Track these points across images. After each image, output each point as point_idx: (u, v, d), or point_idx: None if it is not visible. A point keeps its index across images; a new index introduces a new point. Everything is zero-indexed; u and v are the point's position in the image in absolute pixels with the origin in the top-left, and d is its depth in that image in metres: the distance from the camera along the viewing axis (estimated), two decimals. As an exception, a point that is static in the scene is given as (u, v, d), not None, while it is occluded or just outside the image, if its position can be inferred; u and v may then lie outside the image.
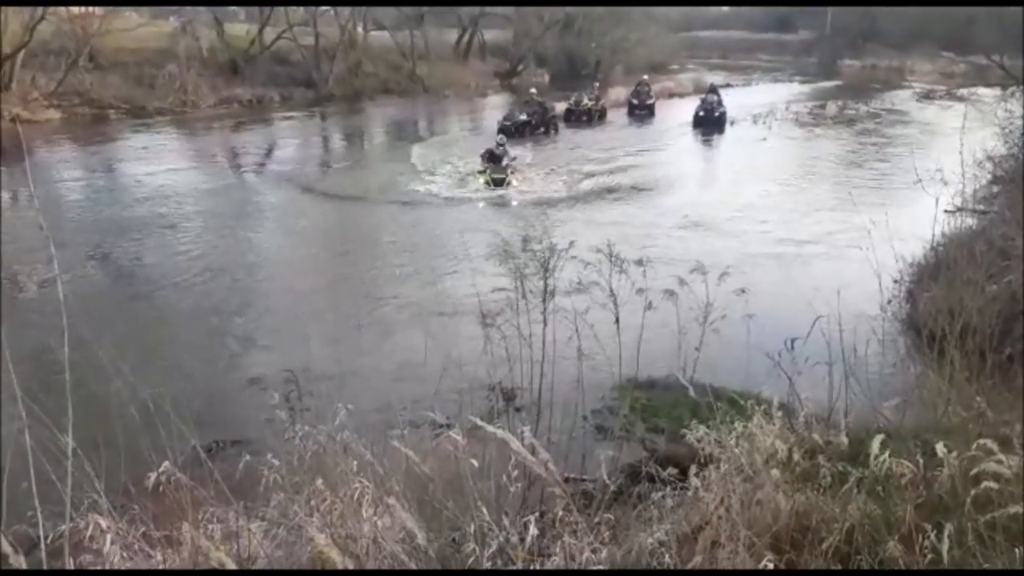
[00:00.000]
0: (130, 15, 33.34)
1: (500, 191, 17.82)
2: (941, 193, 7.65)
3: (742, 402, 4.20)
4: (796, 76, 48.90)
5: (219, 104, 31.32)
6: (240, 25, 37.42)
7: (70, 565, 2.83)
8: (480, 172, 18.55)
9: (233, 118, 29.59)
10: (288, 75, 35.41)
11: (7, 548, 2.54)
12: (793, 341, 4.76)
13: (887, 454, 3.29)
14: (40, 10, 25.84)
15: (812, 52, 59.04)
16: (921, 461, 3.35)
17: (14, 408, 2.73)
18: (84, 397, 3.02)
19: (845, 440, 3.66)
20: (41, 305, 10.17)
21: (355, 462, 3.45)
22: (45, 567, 2.72)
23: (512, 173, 18.47)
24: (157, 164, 20.77)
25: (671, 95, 36.99)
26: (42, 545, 2.71)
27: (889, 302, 7.61)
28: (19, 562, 2.60)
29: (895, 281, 8.80)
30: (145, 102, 29.21)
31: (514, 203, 17.16)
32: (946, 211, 9.80)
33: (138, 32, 31.41)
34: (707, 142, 26.89)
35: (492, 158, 18.72)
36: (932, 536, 2.96)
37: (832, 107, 33.43)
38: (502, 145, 19.44)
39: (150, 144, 24.12)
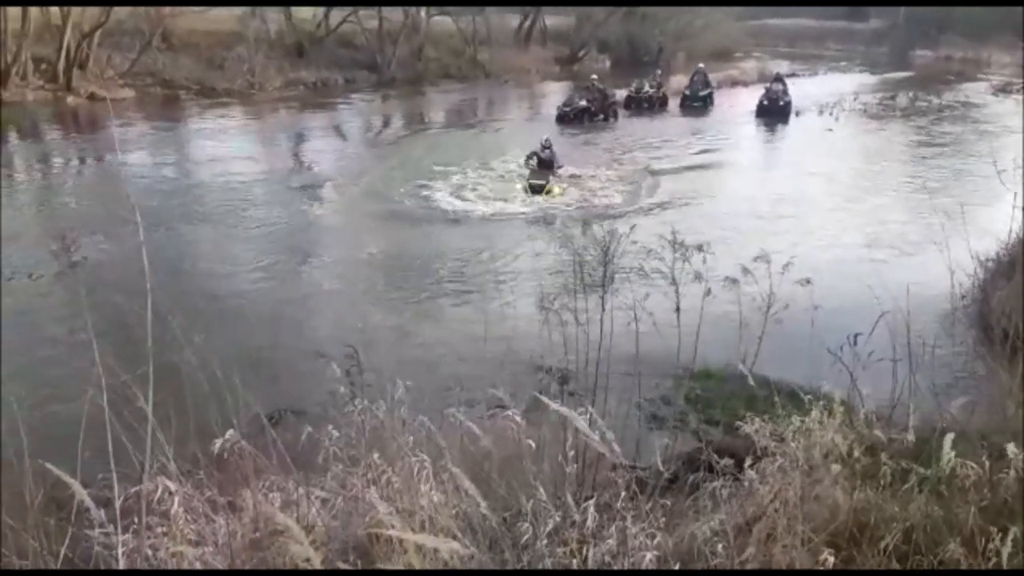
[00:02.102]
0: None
1: (540, 200, 15.99)
2: (1017, 190, 7.37)
3: (801, 395, 4.14)
4: (866, 66, 47.41)
5: (285, 86, 31.85)
6: (307, 8, 38.00)
7: (142, 523, 2.94)
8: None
9: (298, 100, 30.14)
10: (352, 58, 35.83)
11: (89, 502, 2.67)
12: (856, 336, 4.66)
13: (952, 454, 3.21)
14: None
15: (883, 42, 57.18)
16: (987, 463, 3.26)
17: (92, 371, 2.85)
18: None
19: (911, 438, 3.58)
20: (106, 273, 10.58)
21: (411, 437, 3.51)
22: (118, 525, 2.85)
23: (555, 178, 16.88)
24: (211, 148, 21.05)
25: (735, 83, 36.23)
26: (116, 504, 2.83)
27: (963, 298, 7.37)
28: (99, 516, 2.73)
29: (968, 276, 8.51)
30: (214, 83, 29.92)
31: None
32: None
33: (209, 14, 32.17)
34: (770, 132, 26.33)
35: (540, 163, 17.08)
36: (996, 540, 2.89)
37: (903, 99, 32.33)
38: (548, 148, 17.44)
39: (214, 126, 24.67)
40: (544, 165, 17.11)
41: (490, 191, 16.92)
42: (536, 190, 16.41)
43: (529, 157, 17.45)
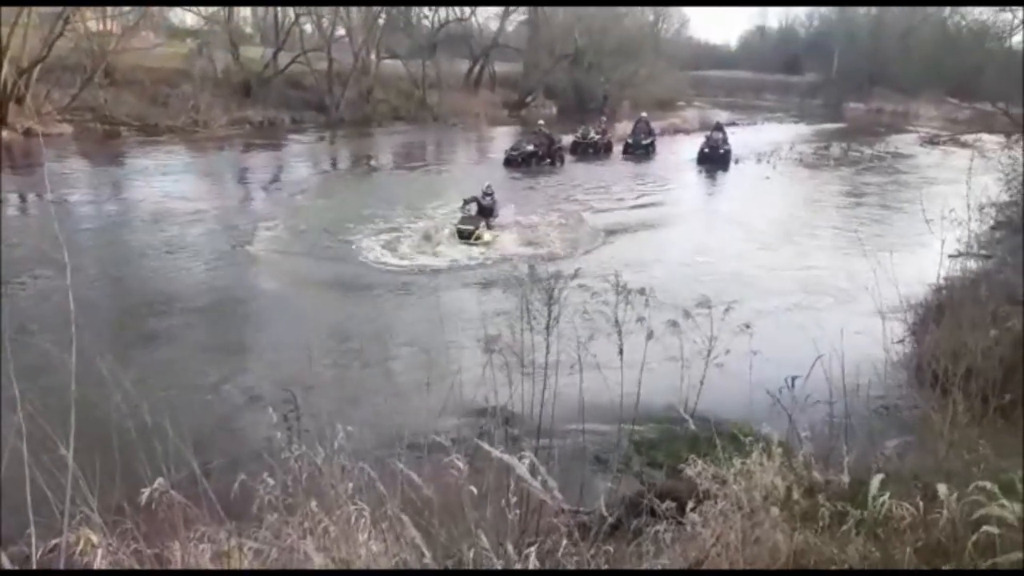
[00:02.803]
0: (148, 35, 33.78)
1: (464, 249, 15.11)
2: (944, 237, 7.68)
3: (741, 438, 4.18)
4: (801, 117, 49.33)
5: (230, 125, 31.49)
6: (255, 49, 37.95)
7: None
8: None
9: (241, 139, 29.80)
10: (300, 99, 35.79)
11: (6, 563, 2.53)
12: (793, 379, 4.75)
13: (887, 495, 3.27)
14: (59, 25, 26.15)
15: (818, 94, 59.74)
16: (921, 504, 3.33)
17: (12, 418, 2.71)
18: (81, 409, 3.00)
19: (846, 479, 3.63)
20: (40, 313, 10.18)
21: (351, 484, 3.42)
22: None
23: (489, 228, 16.09)
24: (145, 187, 20.58)
25: (677, 131, 37.32)
26: (33, 559, 2.68)
27: (900, 342, 7.56)
28: None
29: (900, 320, 8.80)
30: (157, 120, 29.40)
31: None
32: (950, 256, 9.85)
33: (155, 52, 31.82)
34: (711, 180, 27.01)
35: (480, 209, 16.24)
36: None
37: (836, 149, 33.66)
38: (489, 195, 16.73)
39: (151, 163, 24.07)
40: (483, 212, 16.46)
41: (417, 240, 15.88)
42: (464, 235, 15.61)
43: (467, 202, 16.57)
